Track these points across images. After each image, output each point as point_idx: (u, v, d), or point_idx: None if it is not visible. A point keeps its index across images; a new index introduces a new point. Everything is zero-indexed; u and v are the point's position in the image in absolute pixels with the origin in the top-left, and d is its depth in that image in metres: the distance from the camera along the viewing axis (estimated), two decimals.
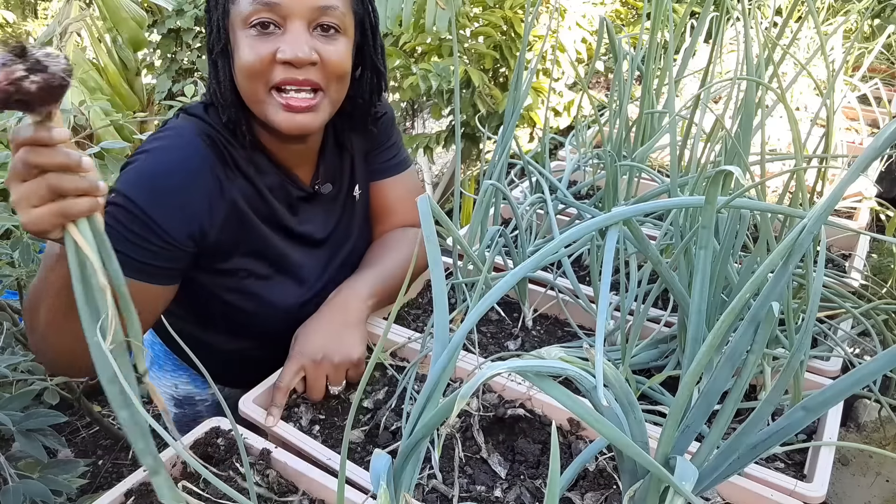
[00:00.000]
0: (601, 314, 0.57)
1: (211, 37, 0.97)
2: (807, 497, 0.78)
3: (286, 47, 0.91)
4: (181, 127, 0.99)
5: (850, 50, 1.87)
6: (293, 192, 1.08)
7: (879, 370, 0.51)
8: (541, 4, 2.68)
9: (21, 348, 1.44)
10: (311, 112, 0.95)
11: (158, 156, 0.95)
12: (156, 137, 0.99)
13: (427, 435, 0.56)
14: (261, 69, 0.92)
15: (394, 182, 1.20)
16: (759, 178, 0.95)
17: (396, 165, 1.21)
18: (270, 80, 0.93)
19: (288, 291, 1.09)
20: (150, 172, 0.93)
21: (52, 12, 4.70)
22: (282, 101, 0.93)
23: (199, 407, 1.33)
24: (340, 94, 1.00)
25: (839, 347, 1.01)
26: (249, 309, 1.07)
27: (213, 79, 0.99)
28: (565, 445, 0.88)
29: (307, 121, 0.95)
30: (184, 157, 0.95)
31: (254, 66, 0.92)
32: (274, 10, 0.90)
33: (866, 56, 1.84)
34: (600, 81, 4.16)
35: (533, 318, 1.13)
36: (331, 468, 0.82)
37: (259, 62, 0.91)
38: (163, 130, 1.00)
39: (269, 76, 0.93)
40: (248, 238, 1.03)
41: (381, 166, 1.19)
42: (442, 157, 4.03)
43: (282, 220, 1.06)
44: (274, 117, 0.95)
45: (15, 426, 1.04)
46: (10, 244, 1.31)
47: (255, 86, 0.94)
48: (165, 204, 0.92)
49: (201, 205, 0.96)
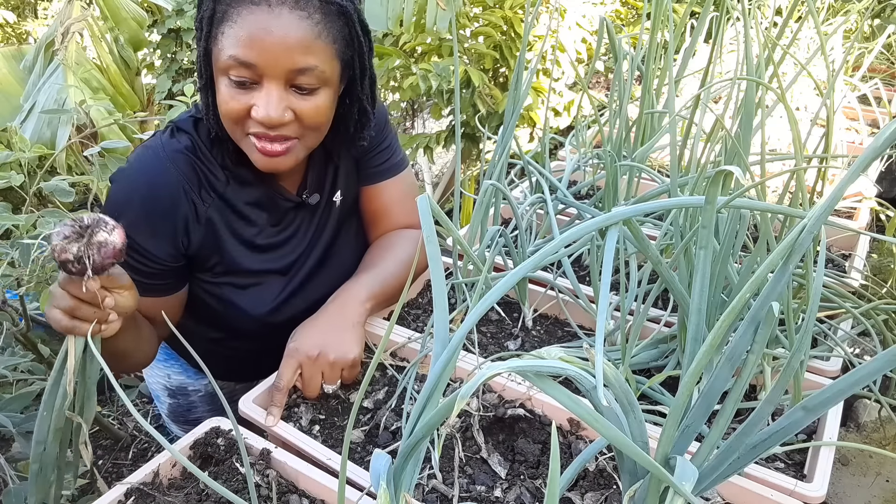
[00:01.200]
0: (601, 314, 0.57)
1: (198, 64, 0.98)
2: (807, 497, 0.78)
3: (260, 106, 0.90)
4: (155, 148, 1.00)
5: (850, 50, 1.86)
6: (280, 203, 1.09)
7: (879, 370, 0.51)
8: (541, 4, 2.68)
9: (21, 348, 1.44)
10: (284, 156, 0.96)
11: (126, 185, 1.00)
12: (133, 158, 1.02)
13: (427, 435, 0.56)
14: (236, 118, 0.93)
15: (389, 185, 1.20)
16: (759, 178, 0.95)
17: (390, 168, 1.20)
18: (246, 129, 0.94)
19: (263, 299, 1.11)
20: (123, 201, 0.99)
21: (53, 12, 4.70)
22: (257, 144, 0.94)
23: (193, 397, 1.34)
24: (318, 139, 1.01)
25: (839, 347, 1.01)
26: (222, 311, 1.11)
27: (202, 101, 1.00)
28: (565, 445, 0.88)
29: (281, 162, 0.97)
30: (151, 184, 0.98)
31: (229, 114, 0.93)
32: (250, 68, 0.89)
33: (866, 56, 1.84)
34: (600, 81, 4.16)
35: (533, 318, 1.13)
36: (331, 468, 0.82)
37: (235, 113, 0.92)
38: (142, 148, 1.02)
39: (244, 125, 0.94)
40: (223, 257, 1.06)
41: (374, 170, 1.19)
42: (442, 157, 4.03)
43: (260, 236, 1.09)
44: (250, 155, 0.97)
45: (15, 427, 1.04)
46: (10, 244, 1.31)
47: (233, 128, 0.96)
48: (140, 231, 0.96)
49: (175, 226, 1.00)
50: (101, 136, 1.75)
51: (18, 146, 1.43)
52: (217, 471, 0.82)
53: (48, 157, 1.53)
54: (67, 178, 1.43)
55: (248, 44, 0.87)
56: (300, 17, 0.88)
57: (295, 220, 1.13)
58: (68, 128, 1.99)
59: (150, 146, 1.02)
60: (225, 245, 1.05)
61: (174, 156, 1.00)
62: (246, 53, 0.87)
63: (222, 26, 0.89)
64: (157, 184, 0.98)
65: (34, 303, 1.52)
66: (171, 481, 0.82)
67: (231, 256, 1.06)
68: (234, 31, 0.88)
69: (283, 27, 0.87)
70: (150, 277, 1.00)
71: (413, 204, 1.25)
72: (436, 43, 2.70)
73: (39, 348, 1.47)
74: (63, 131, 2.01)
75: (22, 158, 1.43)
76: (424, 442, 0.57)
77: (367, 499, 0.75)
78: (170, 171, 0.99)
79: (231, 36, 0.88)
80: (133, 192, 0.99)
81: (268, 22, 0.87)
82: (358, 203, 1.22)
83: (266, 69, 0.89)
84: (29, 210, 1.43)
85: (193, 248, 1.03)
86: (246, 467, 0.58)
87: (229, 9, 0.88)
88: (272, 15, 0.87)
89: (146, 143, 1.03)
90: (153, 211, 0.98)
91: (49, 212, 1.36)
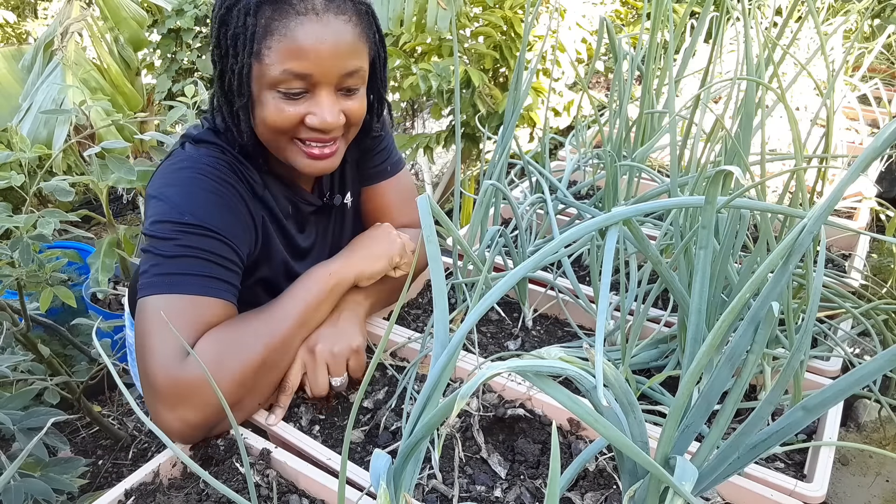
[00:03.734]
0: (601, 314, 0.57)
1: (225, 81, 0.93)
2: (807, 497, 0.78)
3: (316, 114, 0.91)
4: (198, 156, 0.97)
5: (850, 50, 1.86)
6: (303, 208, 1.10)
7: (879, 370, 0.50)
8: (541, 4, 2.68)
9: (21, 348, 1.44)
10: (332, 157, 0.97)
11: (198, 180, 0.94)
12: (177, 168, 0.96)
13: (427, 435, 0.56)
14: (288, 129, 0.92)
15: (386, 185, 1.21)
16: (759, 178, 0.95)
17: (389, 169, 1.21)
18: (295, 135, 0.94)
19: None
20: (201, 194, 0.92)
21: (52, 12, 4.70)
22: (304, 149, 0.95)
23: None
24: (356, 133, 1.02)
25: (839, 347, 1.01)
26: None
27: (228, 119, 0.96)
28: (565, 445, 0.88)
29: (328, 165, 0.97)
30: (219, 180, 0.95)
31: (281, 126, 0.92)
32: (305, 79, 0.89)
33: (866, 56, 1.84)
34: (600, 81, 4.16)
35: (533, 318, 1.13)
36: (331, 468, 0.82)
37: (287, 124, 0.91)
38: (176, 162, 0.97)
39: (295, 132, 0.93)
40: (268, 258, 1.05)
41: (373, 171, 1.19)
42: (442, 157, 4.03)
43: (294, 239, 1.09)
44: (295, 161, 0.96)
45: (15, 425, 1.04)
46: (10, 244, 1.31)
47: (278, 138, 0.94)
48: (230, 221, 0.93)
49: (248, 221, 0.98)
50: (98, 136, 1.75)
51: (19, 146, 1.43)
52: (217, 471, 0.82)
53: (48, 158, 1.53)
54: (67, 178, 1.43)
55: (302, 54, 0.86)
56: (344, 22, 0.89)
57: (317, 225, 1.14)
58: (65, 128, 1.98)
59: (184, 156, 0.97)
60: (273, 244, 1.04)
61: (213, 161, 0.96)
62: (303, 65, 0.87)
63: (267, 40, 0.87)
64: (224, 179, 0.95)
65: (34, 303, 1.53)
66: (171, 481, 0.82)
67: (276, 258, 1.05)
68: (285, 44, 0.86)
69: (333, 34, 0.87)
70: (236, 277, 0.94)
71: (411, 204, 1.24)
72: (436, 43, 2.70)
73: (39, 348, 1.47)
74: (60, 131, 2.01)
75: (22, 158, 1.43)
76: (424, 442, 0.57)
77: (367, 499, 0.75)
78: (225, 169, 0.96)
79: (281, 50, 0.86)
80: (211, 185, 0.93)
81: (319, 31, 0.87)
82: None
83: (321, 77, 0.89)
84: (29, 210, 1.43)
85: (255, 248, 1.00)
86: (246, 467, 0.58)
87: (273, 22, 0.87)
88: (321, 24, 0.87)
89: (175, 156, 0.98)
90: (234, 201, 0.95)
91: (49, 212, 1.36)
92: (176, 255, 0.88)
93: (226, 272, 0.91)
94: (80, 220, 1.49)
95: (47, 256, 1.47)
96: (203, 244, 0.89)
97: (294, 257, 1.09)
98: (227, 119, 0.96)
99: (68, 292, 1.46)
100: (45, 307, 1.45)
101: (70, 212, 1.42)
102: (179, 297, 0.86)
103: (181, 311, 0.85)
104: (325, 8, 0.87)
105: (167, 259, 0.87)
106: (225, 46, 0.91)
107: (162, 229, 0.89)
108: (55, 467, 1.02)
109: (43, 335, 1.79)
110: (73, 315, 1.84)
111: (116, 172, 1.45)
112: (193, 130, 1.02)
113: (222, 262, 0.91)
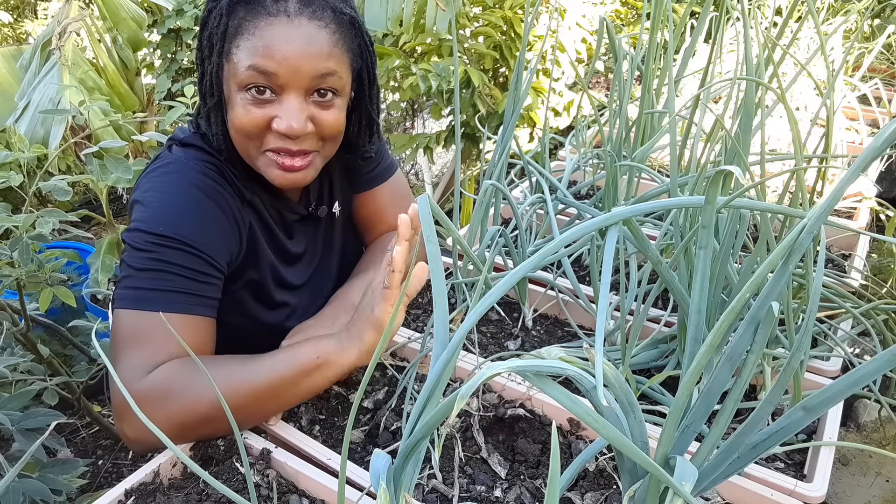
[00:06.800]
0: (601, 314, 0.57)
1: (203, 83, 0.93)
2: (807, 497, 0.78)
3: (282, 118, 0.88)
4: (185, 159, 0.96)
5: (850, 50, 1.86)
6: (288, 216, 1.08)
7: (879, 370, 0.50)
8: (541, 4, 2.68)
9: (21, 348, 1.44)
10: (305, 170, 0.94)
11: (182, 187, 0.93)
12: (164, 172, 0.95)
13: (427, 435, 0.56)
14: (255, 133, 0.90)
15: (381, 190, 1.19)
16: (759, 178, 0.95)
17: (381, 174, 1.19)
18: (264, 145, 0.92)
19: (280, 311, 1.09)
20: (181, 203, 0.92)
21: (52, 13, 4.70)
22: (276, 159, 0.92)
23: None
24: (333, 150, 0.99)
25: (839, 347, 1.01)
26: (239, 325, 1.05)
27: (206, 121, 0.95)
28: (565, 445, 0.88)
29: (300, 178, 0.95)
30: (205, 185, 0.94)
31: (248, 129, 0.90)
32: (270, 78, 0.87)
33: (866, 56, 1.84)
34: (600, 81, 4.16)
35: (533, 318, 1.13)
36: (331, 468, 0.82)
37: (254, 127, 0.90)
38: (163, 165, 0.96)
39: (263, 140, 0.91)
40: (255, 262, 1.03)
41: (365, 178, 1.18)
42: (442, 157, 4.03)
43: (283, 244, 1.07)
44: (266, 172, 0.94)
45: (14, 426, 1.04)
46: (10, 244, 1.31)
47: (248, 144, 0.93)
48: (208, 232, 0.92)
49: (231, 228, 0.96)
50: (95, 136, 1.74)
51: (18, 146, 1.43)
52: (217, 471, 0.82)
53: (47, 158, 1.52)
54: (66, 178, 1.43)
55: (268, 53, 0.85)
56: (318, 27, 0.87)
57: (305, 233, 1.12)
58: (61, 127, 1.98)
59: (170, 160, 0.96)
60: (261, 249, 1.02)
61: (201, 166, 0.95)
62: (266, 63, 0.85)
63: (237, 40, 0.87)
64: (207, 184, 0.94)
65: (34, 303, 1.53)
66: (171, 481, 0.82)
67: (265, 261, 1.03)
68: (252, 42, 0.86)
69: (303, 36, 0.86)
70: (213, 290, 0.93)
71: (405, 206, 1.25)
72: (436, 43, 2.70)
73: (39, 348, 1.47)
74: (56, 130, 2.00)
75: (21, 159, 1.43)
76: (424, 442, 0.57)
77: (367, 499, 0.75)
78: (210, 173, 0.95)
79: (249, 48, 0.86)
80: (191, 192, 0.93)
81: (288, 32, 0.86)
82: (352, 212, 1.21)
83: (287, 78, 0.87)
84: (28, 210, 1.43)
85: (242, 254, 0.99)
86: (245, 467, 0.58)
87: (244, 22, 0.86)
88: (292, 25, 0.86)
89: (160, 160, 0.97)
90: (215, 209, 0.94)
91: (48, 211, 1.36)
92: (146, 268, 0.87)
93: (198, 285, 0.90)
94: (80, 220, 1.49)
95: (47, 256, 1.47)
96: (175, 258, 0.88)
97: (283, 262, 1.08)
98: (203, 122, 0.95)
99: (68, 292, 1.46)
100: (44, 307, 1.45)
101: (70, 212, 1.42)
102: (147, 314, 0.86)
103: (149, 330, 0.85)
104: (298, 11, 0.86)
105: (138, 272, 0.87)
106: (203, 48, 0.91)
107: (137, 238, 0.88)
108: (53, 468, 1.02)
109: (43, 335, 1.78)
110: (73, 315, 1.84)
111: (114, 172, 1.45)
112: (181, 133, 1.01)
113: (194, 276, 0.90)
